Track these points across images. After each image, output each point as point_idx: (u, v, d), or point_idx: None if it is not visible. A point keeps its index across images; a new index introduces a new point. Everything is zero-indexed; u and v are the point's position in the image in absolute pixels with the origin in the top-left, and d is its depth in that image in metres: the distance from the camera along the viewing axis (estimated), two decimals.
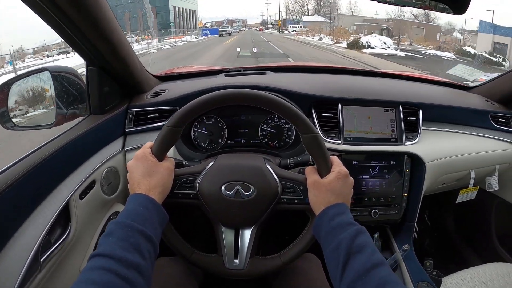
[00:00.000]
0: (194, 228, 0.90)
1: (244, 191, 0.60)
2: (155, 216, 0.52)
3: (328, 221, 0.53)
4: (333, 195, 0.55)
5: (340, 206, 0.54)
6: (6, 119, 0.76)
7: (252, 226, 0.63)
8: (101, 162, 0.76)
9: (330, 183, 0.56)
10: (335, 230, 0.51)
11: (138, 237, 0.46)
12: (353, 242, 0.48)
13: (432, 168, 0.91)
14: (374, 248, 0.48)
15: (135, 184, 0.55)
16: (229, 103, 0.59)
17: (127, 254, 0.44)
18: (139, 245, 0.46)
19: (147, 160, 0.56)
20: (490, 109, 1.04)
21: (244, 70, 1.08)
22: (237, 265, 0.62)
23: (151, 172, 0.55)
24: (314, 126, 0.62)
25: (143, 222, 0.49)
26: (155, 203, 0.53)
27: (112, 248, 0.44)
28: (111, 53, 0.72)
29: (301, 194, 0.61)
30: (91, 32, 0.65)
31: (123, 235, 0.46)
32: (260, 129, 0.86)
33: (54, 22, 0.61)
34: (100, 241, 0.46)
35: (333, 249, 0.49)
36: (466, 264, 0.94)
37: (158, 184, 0.55)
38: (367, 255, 0.46)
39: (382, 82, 1.10)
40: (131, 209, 0.51)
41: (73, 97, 0.80)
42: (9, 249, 0.53)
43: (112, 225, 0.48)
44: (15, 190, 0.55)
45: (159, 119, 0.85)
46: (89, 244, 0.76)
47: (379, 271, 0.44)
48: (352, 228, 0.50)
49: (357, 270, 0.45)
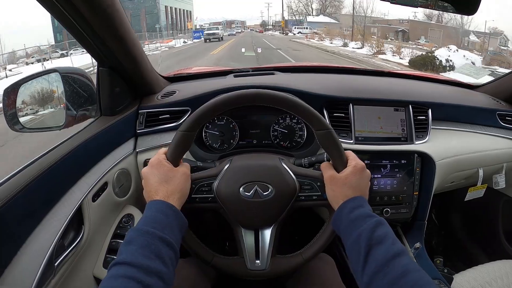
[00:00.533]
0: (211, 231, 0.90)
1: (262, 191, 0.60)
2: (175, 222, 0.52)
3: (347, 214, 0.53)
4: (350, 189, 0.55)
5: (358, 199, 0.55)
6: (14, 121, 0.75)
7: (272, 226, 0.63)
8: (113, 164, 0.75)
9: (347, 177, 0.56)
10: (355, 222, 0.51)
11: (158, 243, 0.46)
12: (373, 233, 0.48)
13: (442, 167, 0.91)
14: (394, 238, 0.48)
15: (152, 191, 0.54)
16: (243, 104, 0.59)
17: (148, 261, 0.43)
18: (160, 252, 0.45)
19: (163, 167, 0.56)
20: (497, 108, 1.05)
21: (253, 70, 1.08)
22: (259, 265, 0.62)
23: (168, 178, 0.55)
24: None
25: (163, 228, 0.48)
26: (174, 209, 0.53)
27: (133, 256, 0.43)
28: (124, 53, 0.72)
29: (318, 190, 0.61)
30: (105, 32, 0.64)
31: (144, 242, 0.45)
32: (272, 129, 0.86)
33: (68, 22, 0.60)
34: (121, 249, 0.46)
35: (354, 241, 0.49)
36: (473, 262, 0.95)
37: (175, 190, 0.55)
38: (387, 246, 0.46)
39: (390, 82, 1.10)
40: (150, 215, 0.50)
41: (82, 98, 0.79)
42: (23, 254, 0.53)
43: (132, 232, 0.47)
44: (28, 193, 0.54)
45: (170, 120, 0.85)
46: (101, 247, 0.75)
47: (400, 261, 0.44)
48: (372, 220, 0.50)
49: (379, 261, 0.45)
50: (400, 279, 0.43)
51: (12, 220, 0.52)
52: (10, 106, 0.75)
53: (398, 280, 0.43)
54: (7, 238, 0.51)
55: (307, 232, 0.80)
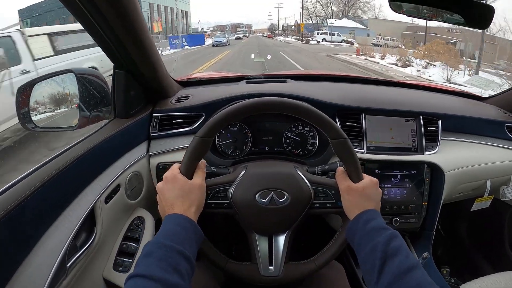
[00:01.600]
0: (220, 236, 0.90)
1: (278, 198, 0.61)
2: (193, 235, 0.52)
3: (362, 225, 0.54)
4: (366, 201, 0.57)
5: (373, 211, 0.56)
6: (27, 119, 0.75)
7: (286, 232, 0.63)
8: (126, 166, 0.75)
9: (364, 189, 0.57)
10: (370, 234, 0.52)
11: (177, 257, 0.46)
12: (388, 245, 0.49)
13: (451, 178, 0.92)
14: (408, 251, 0.49)
15: (168, 205, 0.55)
16: (261, 111, 0.60)
17: (166, 274, 0.44)
18: (178, 265, 0.46)
19: (178, 181, 0.56)
20: (506, 120, 1.05)
21: (265, 77, 1.08)
22: (272, 271, 0.63)
23: (184, 193, 0.55)
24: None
25: (181, 242, 0.49)
26: (192, 223, 0.53)
27: (152, 269, 0.44)
28: (142, 58, 0.72)
29: (333, 198, 0.62)
30: (126, 36, 0.65)
31: (162, 256, 0.46)
32: (284, 136, 0.87)
33: (90, 25, 0.61)
34: (139, 261, 0.46)
35: (369, 252, 0.50)
36: (480, 272, 0.95)
37: (192, 203, 0.55)
38: (402, 258, 0.47)
39: (401, 92, 1.11)
40: (168, 229, 0.51)
41: (96, 100, 0.79)
42: (36, 254, 0.53)
43: (150, 245, 0.48)
44: (42, 194, 0.55)
45: (184, 124, 0.85)
46: (112, 249, 0.75)
47: (414, 274, 0.45)
48: (387, 232, 0.51)
49: (393, 273, 0.46)
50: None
51: (26, 220, 0.52)
52: (23, 104, 0.75)
53: None
54: (21, 237, 0.51)
55: (315, 239, 0.80)
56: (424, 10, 0.85)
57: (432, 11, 0.87)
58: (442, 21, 0.88)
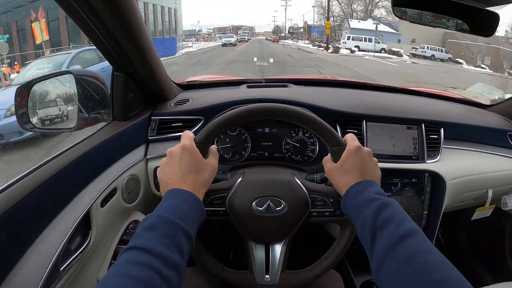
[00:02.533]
0: (217, 242, 0.89)
1: (275, 206, 0.60)
2: (197, 215, 0.49)
3: (350, 201, 0.51)
4: (348, 175, 0.53)
5: (360, 184, 0.52)
6: (25, 120, 0.75)
7: (283, 241, 0.62)
8: (123, 169, 0.75)
9: (342, 165, 0.54)
10: (358, 209, 0.49)
11: (181, 236, 0.44)
12: (376, 217, 0.45)
13: (452, 187, 0.91)
14: (401, 219, 0.45)
15: (176, 175, 0.50)
16: (259, 117, 0.59)
17: (169, 252, 0.40)
18: (181, 244, 0.43)
19: (196, 154, 0.52)
20: (508, 128, 1.04)
21: (266, 81, 1.07)
22: (269, 280, 0.62)
23: (199, 169, 0.52)
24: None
25: (186, 220, 0.46)
26: (199, 202, 0.50)
27: (154, 244, 0.40)
28: (141, 60, 0.72)
29: (331, 207, 0.61)
30: (124, 38, 0.64)
31: (166, 232, 0.43)
32: (284, 142, 0.86)
33: (87, 27, 0.60)
34: (139, 233, 0.43)
35: (360, 228, 0.48)
36: (479, 282, 0.94)
37: (204, 183, 0.53)
38: (392, 228, 0.44)
39: (403, 99, 1.10)
40: (176, 204, 0.47)
41: (95, 101, 0.79)
42: (30, 257, 0.52)
43: (154, 218, 0.44)
44: (37, 196, 0.54)
45: (182, 128, 0.84)
46: (107, 253, 0.74)
47: (408, 242, 0.41)
48: (375, 204, 0.47)
49: (384, 246, 0.42)
50: (407, 262, 0.39)
51: (20, 223, 0.51)
52: (22, 105, 0.75)
53: (405, 263, 0.39)
54: (14, 240, 0.51)
55: (313, 247, 0.79)
56: (428, 16, 0.84)
57: (435, 18, 0.86)
58: (445, 28, 0.87)
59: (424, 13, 0.84)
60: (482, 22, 0.85)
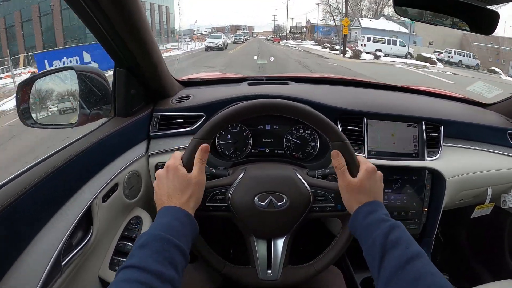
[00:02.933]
0: (218, 238, 0.90)
1: (277, 201, 0.60)
2: (189, 230, 0.51)
3: (362, 219, 0.54)
4: (364, 195, 0.56)
5: (372, 204, 0.55)
6: (27, 116, 0.75)
7: (285, 236, 0.63)
8: (124, 165, 0.75)
9: (360, 182, 0.56)
10: (369, 228, 0.52)
11: (173, 251, 0.46)
12: (386, 238, 0.48)
13: (452, 184, 0.91)
14: (409, 241, 0.48)
15: (165, 196, 0.54)
16: (260, 113, 0.59)
17: (162, 267, 0.43)
18: (174, 259, 0.45)
19: (179, 172, 0.55)
20: (508, 127, 1.05)
21: (267, 79, 1.08)
22: (271, 275, 0.62)
23: (184, 186, 0.54)
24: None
25: (178, 235, 0.48)
26: (190, 217, 0.52)
27: (147, 261, 0.43)
28: (143, 56, 0.72)
29: (332, 202, 0.61)
30: (127, 33, 0.65)
31: (159, 248, 0.45)
32: (285, 139, 0.86)
33: (92, 22, 0.61)
34: (133, 252, 0.45)
35: (369, 247, 0.50)
36: (479, 280, 0.95)
37: (191, 197, 0.54)
38: (401, 250, 0.46)
39: (403, 97, 1.10)
40: (166, 221, 0.50)
41: (97, 97, 0.79)
42: (31, 251, 0.52)
43: (147, 236, 0.47)
44: (39, 191, 0.54)
45: (184, 124, 0.85)
46: (108, 248, 0.74)
47: (414, 265, 0.44)
48: (386, 224, 0.50)
49: (393, 266, 0.45)
50: (414, 284, 0.42)
51: (22, 218, 0.52)
52: (23, 100, 0.75)
53: (412, 285, 0.42)
54: (16, 235, 0.51)
55: (314, 243, 0.79)
56: (428, 14, 0.84)
57: (435, 16, 0.86)
58: (445, 26, 0.88)
59: (424, 12, 0.84)
60: (482, 20, 0.85)
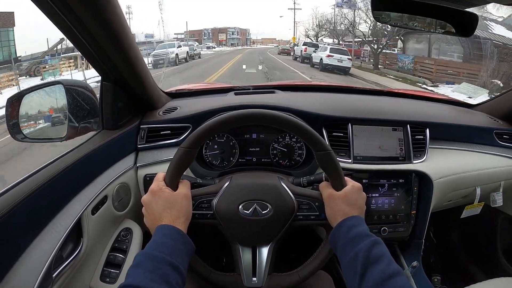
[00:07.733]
0: (209, 246, 0.90)
1: (261, 209, 0.61)
2: (182, 246, 0.52)
3: (345, 232, 0.54)
4: (348, 207, 0.57)
5: (356, 218, 0.56)
6: (16, 130, 0.76)
7: (269, 244, 0.64)
8: (113, 177, 0.76)
9: (346, 195, 0.58)
10: (352, 241, 0.52)
11: (166, 268, 0.47)
12: (370, 252, 0.49)
13: (439, 186, 0.92)
14: (390, 258, 0.50)
15: (156, 218, 0.55)
16: (245, 123, 0.60)
17: (156, 285, 0.44)
18: (168, 277, 0.46)
19: (163, 193, 0.56)
20: (494, 126, 1.06)
21: (254, 88, 1.09)
22: (256, 283, 0.63)
23: (171, 204, 0.55)
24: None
25: (170, 253, 0.49)
26: (182, 234, 0.53)
27: (141, 280, 0.44)
28: (128, 68, 0.73)
29: (316, 210, 0.62)
30: (110, 47, 0.66)
31: (152, 267, 0.46)
32: (271, 147, 0.87)
33: (74, 37, 0.61)
34: (129, 272, 0.46)
35: (351, 260, 0.51)
36: (472, 279, 0.95)
37: (180, 214, 0.55)
38: (384, 265, 0.48)
39: (388, 101, 1.11)
40: (157, 240, 0.51)
41: (85, 111, 0.80)
42: (22, 264, 0.53)
43: (140, 256, 0.48)
44: (29, 203, 0.55)
45: (171, 136, 0.86)
46: (99, 260, 0.75)
47: (395, 281, 0.46)
48: (369, 239, 0.51)
49: (374, 281, 0.46)
50: None
51: (13, 230, 0.53)
52: (13, 115, 0.76)
53: None
54: (7, 247, 0.52)
55: (304, 250, 0.80)
56: (406, 19, 0.86)
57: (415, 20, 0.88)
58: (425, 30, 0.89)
59: (403, 16, 0.86)
60: (461, 23, 0.87)
